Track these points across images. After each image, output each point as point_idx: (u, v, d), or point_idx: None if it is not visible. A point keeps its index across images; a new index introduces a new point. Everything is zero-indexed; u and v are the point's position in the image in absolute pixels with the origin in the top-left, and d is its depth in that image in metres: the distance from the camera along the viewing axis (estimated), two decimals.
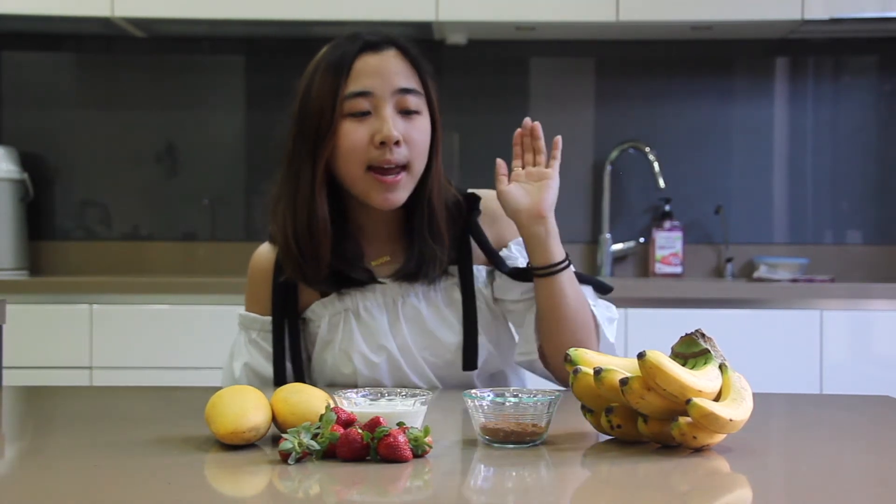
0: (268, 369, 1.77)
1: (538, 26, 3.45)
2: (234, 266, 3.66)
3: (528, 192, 1.69)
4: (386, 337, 1.74)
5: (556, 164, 1.70)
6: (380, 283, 1.75)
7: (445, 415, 1.52)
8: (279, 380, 1.75)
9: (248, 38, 3.72)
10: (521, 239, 1.77)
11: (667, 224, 3.62)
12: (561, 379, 1.74)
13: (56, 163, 3.71)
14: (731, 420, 1.19)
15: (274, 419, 1.26)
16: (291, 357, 1.77)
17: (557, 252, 1.69)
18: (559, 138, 1.70)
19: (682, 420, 1.19)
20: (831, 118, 3.71)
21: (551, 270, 1.68)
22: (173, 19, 3.40)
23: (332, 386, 1.74)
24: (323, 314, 1.76)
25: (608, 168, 3.65)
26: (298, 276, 1.73)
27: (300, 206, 1.70)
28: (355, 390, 1.32)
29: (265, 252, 1.82)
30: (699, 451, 1.22)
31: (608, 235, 3.64)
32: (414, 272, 1.73)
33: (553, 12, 3.35)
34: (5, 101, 3.73)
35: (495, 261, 1.78)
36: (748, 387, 1.26)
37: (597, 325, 1.73)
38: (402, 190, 1.69)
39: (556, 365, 1.73)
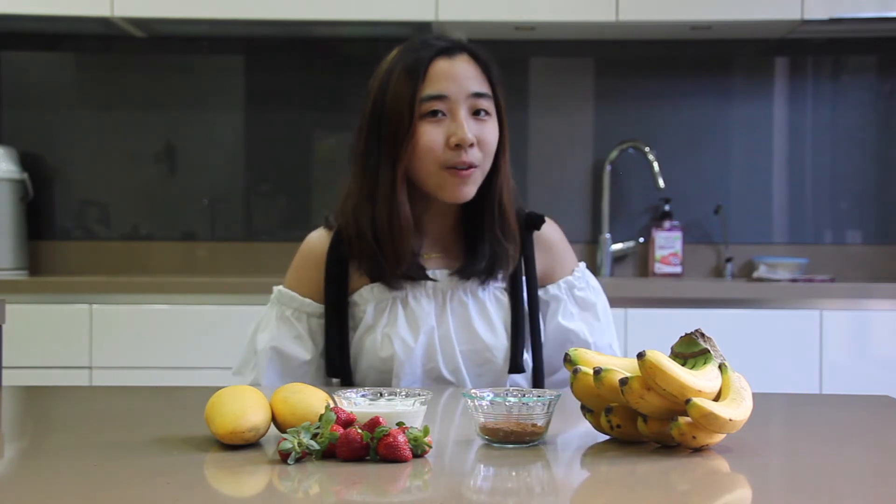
0: (292, 349, 1.80)
1: (537, 26, 3.45)
2: (234, 266, 3.67)
3: None
4: (429, 323, 1.78)
5: None
6: (432, 279, 1.80)
7: (445, 415, 1.52)
8: (330, 363, 1.80)
9: (248, 38, 3.72)
10: (571, 279, 1.87)
11: (666, 224, 3.62)
12: None
13: (56, 163, 3.71)
14: (730, 420, 1.19)
15: (274, 419, 1.26)
16: (339, 342, 1.80)
17: None
18: None
19: (682, 420, 1.19)
20: (831, 118, 3.71)
21: None
22: (173, 19, 3.39)
23: (369, 370, 1.80)
24: (370, 299, 1.80)
25: (608, 168, 3.65)
26: (375, 271, 1.78)
27: (381, 206, 1.75)
28: (355, 390, 1.32)
29: (321, 236, 1.87)
30: (699, 450, 1.22)
31: (608, 235, 3.64)
32: (487, 270, 1.79)
33: (552, 12, 3.35)
34: (5, 101, 3.73)
35: (532, 294, 1.85)
36: (748, 387, 1.26)
37: None
38: (472, 184, 1.76)
39: None
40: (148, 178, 3.73)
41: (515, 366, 1.79)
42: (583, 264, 1.94)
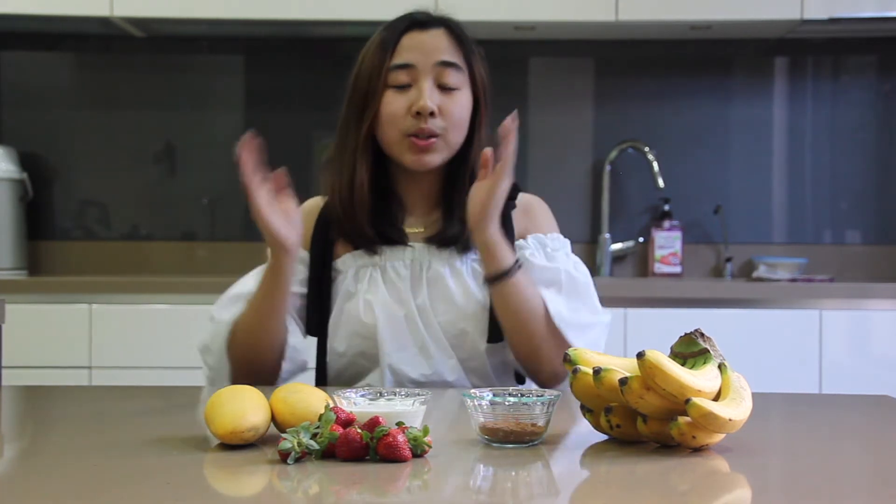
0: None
1: (537, 26, 3.45)
2: (234, 266, 3.66)
3: (477, 193, 1.68)
4: (406, 294, 1.80)
5: (501, 165, 1.64)
6: (409, 246, 1.82)
7: (445, 415, 1.52)
8: (309, 321, 1.84)
9: (248, 38, 3.72)
10: (540, 236, 1.84)
11: (666, 224, 3.62)
12: (529, 372, 1.80)
13: (55, 163, 3.71)
14: (730, 420, 1.19)
15: (273, 419, 1.26)
16: (320, 306, 1.84)
17: (504, 260, 1.70)
18: (510, 132, 1.62)
19: (682, 420, 1.19)
20: (830, 118, 3.71)
21: (498, 278, 1.71)
22: (172, 19, 3.40)
23: (353, 336, 1.80)
24: (351, 265, 1.84)
25: (607, 168, 3.66)
26: (340, 233, 1.84)
27: (345, 169, 1.83)
28: (354, 390, 1.32)
29: (317, 199, 1.93)
30: (698, 450, 1.22)
31: (607, 235, 3.64)
32: (454, 237, 1.80)
33: (552, 12, 3.35)
34: (5, 101, 3.73)
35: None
36: (747, 386, 1.26)
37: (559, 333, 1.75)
38: (434, 154, 1.79)
39: (519, 361, 1.79)
40: (148, 178, 3.73)
41: (495, 334, 1.77)
42: (566, 242, 1.88)
